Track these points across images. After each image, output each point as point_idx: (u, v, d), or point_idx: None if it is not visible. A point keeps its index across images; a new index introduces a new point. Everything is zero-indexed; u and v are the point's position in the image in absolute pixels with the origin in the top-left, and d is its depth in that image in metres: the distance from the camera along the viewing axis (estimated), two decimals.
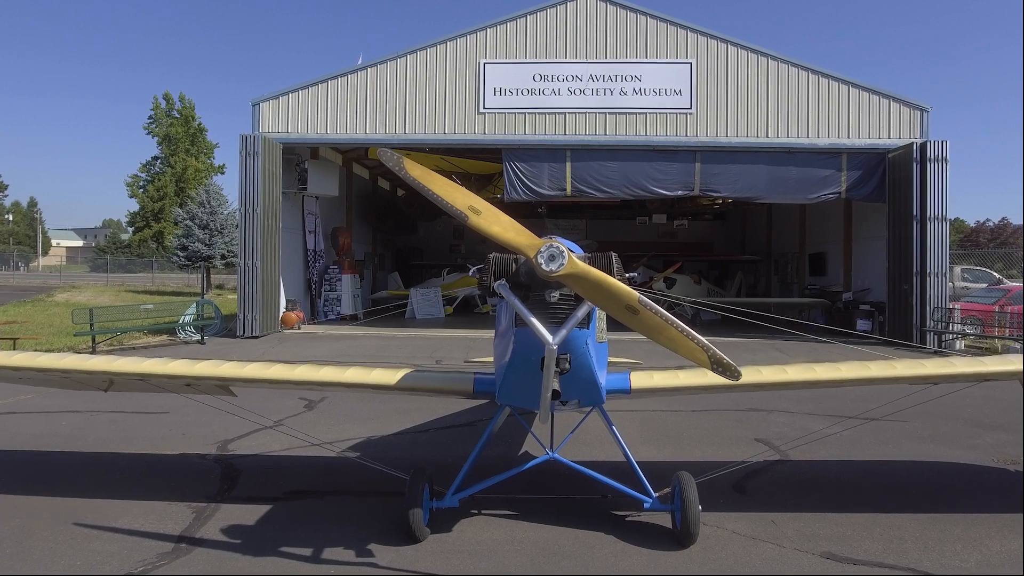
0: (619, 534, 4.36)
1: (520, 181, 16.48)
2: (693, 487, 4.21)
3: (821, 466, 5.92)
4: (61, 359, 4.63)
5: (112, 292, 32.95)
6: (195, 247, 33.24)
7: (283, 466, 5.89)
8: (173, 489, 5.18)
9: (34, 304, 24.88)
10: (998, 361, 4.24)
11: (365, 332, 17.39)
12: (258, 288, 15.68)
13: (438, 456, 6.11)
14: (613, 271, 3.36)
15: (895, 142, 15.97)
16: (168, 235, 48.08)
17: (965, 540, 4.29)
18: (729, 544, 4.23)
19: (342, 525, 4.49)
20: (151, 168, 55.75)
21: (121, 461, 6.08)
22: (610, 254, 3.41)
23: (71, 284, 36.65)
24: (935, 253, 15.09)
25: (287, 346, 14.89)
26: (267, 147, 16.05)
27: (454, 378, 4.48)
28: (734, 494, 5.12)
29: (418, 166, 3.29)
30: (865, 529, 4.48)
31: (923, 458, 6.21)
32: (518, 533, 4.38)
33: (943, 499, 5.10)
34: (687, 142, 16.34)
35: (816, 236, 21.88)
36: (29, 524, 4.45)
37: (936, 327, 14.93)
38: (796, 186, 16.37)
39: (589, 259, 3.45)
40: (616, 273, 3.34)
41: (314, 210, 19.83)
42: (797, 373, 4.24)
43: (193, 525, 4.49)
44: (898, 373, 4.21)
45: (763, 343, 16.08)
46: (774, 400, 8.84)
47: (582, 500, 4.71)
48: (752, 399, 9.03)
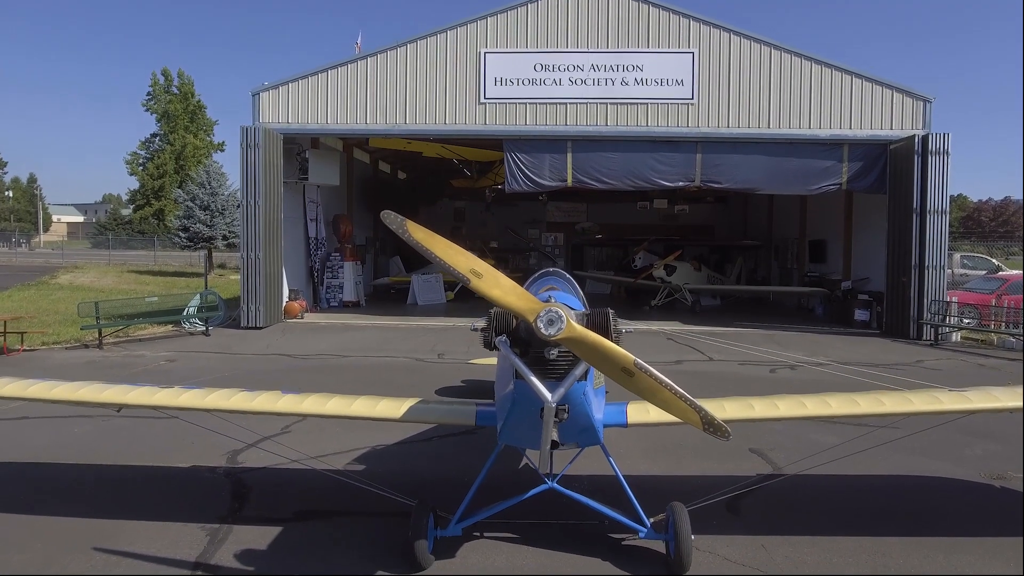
0: (616, 560, 4.56)
1: (521, 172, 16.50)
2: (686, 519, 4.39)
3: (812, 482, 6.07)
4: (76, 391, 4.76)
5: (115, 273, 33.10)
6: (197, 228, 33.33)
7: (291, 482, 6.06)
8: (186, 508, 5.37)
9: (38, 288, 25.05)
10: (987, 399, 4.37)
11: (367, 322, 17.56)
12: (261, 279, 15.82)
13: (442, 471, 6.29)
14: (610, 328, 3.49)
15: (897, 133, 15.94)
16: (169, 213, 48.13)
17: (948, 569, 4.48)
18: (720, 572, 4.42)
19: (350, 550, 4.68)
20: (150, 145, 55.57)
21: (134, 476, 6.26)
22: (607, 311, 3.53)
23: (73, 264, 36.77)
24: (934, 246, 15.18)
25: (290, 338, 15.07)
26: (268, 138, 16.05)
27: (457, 411, 4.64)
28: (727, 514, 5.29)
29: (421, 229, 3.39)
30: (852, 555, 4.66)
31: (912, 472, 6.37)
32: (519, 559, 4.57)
33: (928, 521, 5.28)
34: (689, 133, 16.31)
35: (817, 223, 21.92)
36: (50, 550, 4.64)
37: (933, 320, 15.07)
38: (797, 177, 16.39)
39: (587, 315, 3.58)
40: (613, 329, 3.47)
41: (315, 198, 19.87)
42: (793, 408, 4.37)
43: (208, 550, 4.69)
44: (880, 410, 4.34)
45: (761, 334, 16.26)
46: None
47: (580, 525, 4.89)
48: None
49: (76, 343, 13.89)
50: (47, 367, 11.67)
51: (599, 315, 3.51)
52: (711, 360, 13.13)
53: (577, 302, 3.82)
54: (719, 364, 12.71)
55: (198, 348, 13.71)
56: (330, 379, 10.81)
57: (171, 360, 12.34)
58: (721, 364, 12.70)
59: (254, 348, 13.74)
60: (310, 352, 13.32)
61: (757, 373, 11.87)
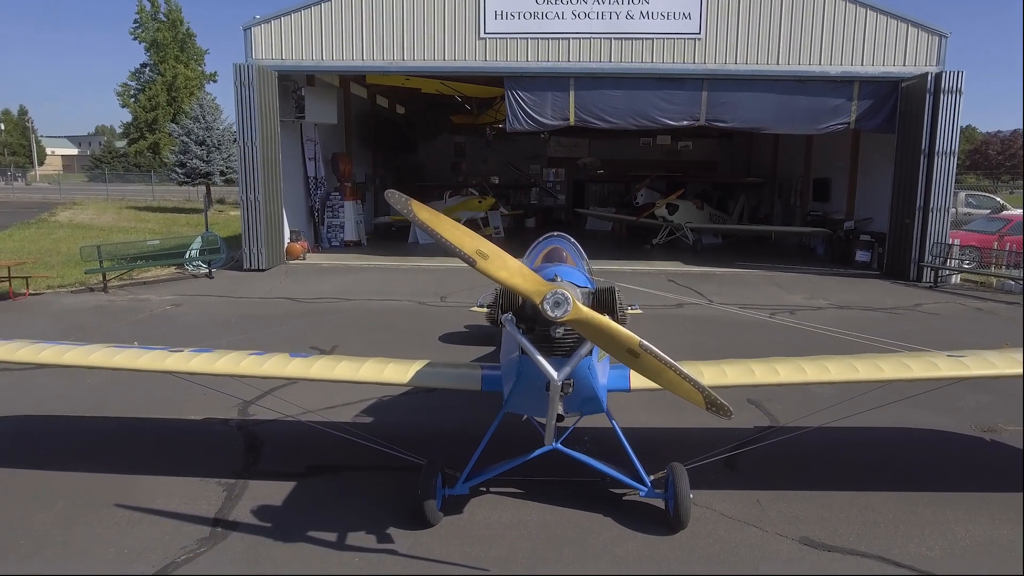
0: (617, 516, 4.75)
1: (522, 110, 16.16)
2: (685, 478, 4.56)
3: (808, 435, 6.23)
4: (63, 354, 4.83)
5: (114, 209, 32.95)
6: (194, 164, 32.94)
7: (302, 435, 6.20)
8: (202, 463, 5.55)
9: (38, 227, 24.99)
10: (984, 365, 4.45)
11: (369, 262, 17.59)
12: (262, 221, 15.76)
13: (448, 424, 6.45)
14: (615, 306, 3.53)
15: (910, 70, 15.51)
16: (164, 147, 47.37)
17: (934, 524, 4.68)
18: (716, 528, 4.63)
19: (362, 506, 4.88)
20: (140, 76, 54.03)
21: (149, 429, 6.43)
22: (612, 289, 3.56)
23: (72, 200, 36.54)
24: (940, 188, 15.03)
25: (293, 280, 15.15)
26: (262, 76, 15.63)
27: (463, 376, 4.75)
28: (725, 469, 5.48)
29: (426, 209, 3.37)
30: (843, 511, 4.86)
31: (906, 424, 6.53)
32: (524, 516, 4.77)
33: (918, 476, 5.47)
34: (695, 69, 15.87)
35: (822, 161, 21.63)
36: (72, 507, 4.83)
37: (934, 262, 15.10)
38: (805, 116, 16.06)
39: (592, 293, 3.61)
40: (618, 308, 3.51)
41: (313, 136, 19.53)
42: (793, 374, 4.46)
43: (225, 506, 4.88)
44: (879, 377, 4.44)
45: (762, 276, 16.33)
46: (768, 350, 9.10)
47: (583, 483, 5.08)
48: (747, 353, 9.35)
49: (81, 287, 13.97)
50: (54, 312, 11.80)
51: (605, 294, 3.55)
52: (711, 303, 13.23)
53: (582, 277, 3.84)
54: (719, 308, 12.82)
55: (202, 291, 13.80)
56: (335, 325, 10.95)
57: (177, 305, 12.45)
58: (721, 308, 12.81)
59: (258, 291, 13.84)
60: (313, 295, 13.42)
61: (756, 317, 12.00)
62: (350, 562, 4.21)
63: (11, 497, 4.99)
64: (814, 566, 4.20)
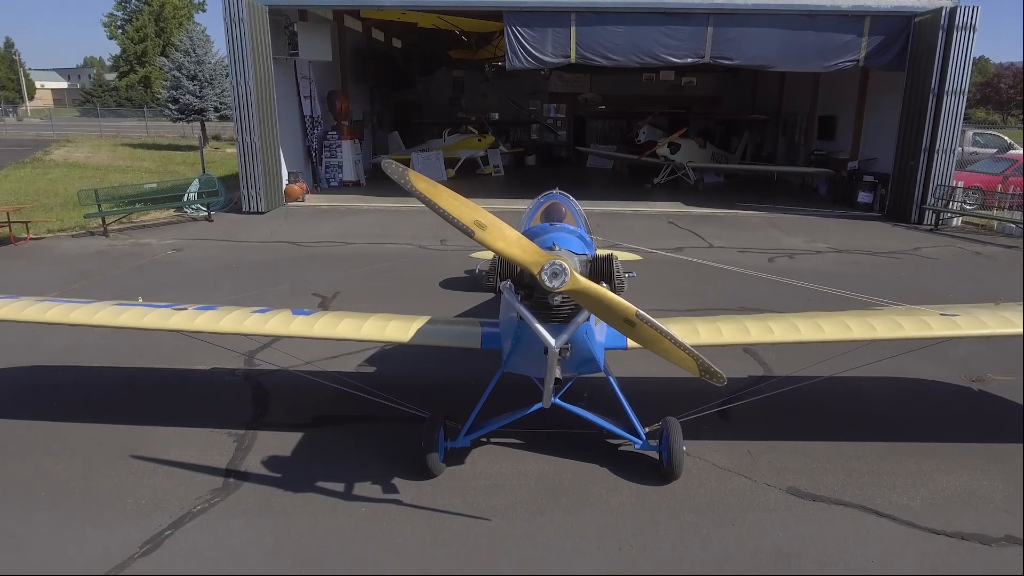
0: (612, 466, 4.95)
1: (522, 47, 15.71)
2: (678, 432, 4.73)
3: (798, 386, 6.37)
4: (69, 313, 4.92)
5: (108, 147, 32.51)
6: (186, 100, 32.24)
7: (307, 385, 6.33)
8: (212, 414, 5.72)
9: (33, 166, 24.72)
10: (975, 324, 4.53)
11: (368, 204, 17.49)
12: (259, 164, 15.58)
13: (449, 375, 6.58)
14: (613, 274, 3.58)
15: (923, 4, 14.98)
16: (156, 81, 46.24)
17: (917, 475, 4.88)
18: (708, 479, 4.83)
19: (366, 456, 5.06)
20: (127, 6, 52.26)
21: (158, 379, 6.60)
22: (611, 256, 3.60)
23: (65, 137, 36.03)
24: (947, 128, 14.76)
25: (293, 223, 15.12)
26: (252, 12, 15.10)
27: (463, 333, 4.85)
28: (718, 420, 5.65)
29: (423, 179, 3.37)
30: (829, 461, 5.06)
31: (896, 373, 6.65)
32: (523, 466, 4.97)
33: (905, 426, 5.65)
34: (700, 4, 15.32)
35: (829, 98, 21.17)
36: (90, 459, 5.02)
37: (936, 205, 15.02)
38: (813, 53, 15.61)
39: (591, 261, 3.66)
40: (616, 276, 3.57)
41: (308, 74, 19.05)
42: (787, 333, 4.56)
43: (236, 457, 5.08)
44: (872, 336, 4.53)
45: (763, 219, 16.28)
46: (766, 297, 9.21)
47: (580, 434, 5.25)
48: (746, 297, 9.47)
49: (81, 230, 13.97)
50: (56, 258, 11.85)
51: (603, 261, 3.59)
52: (711, 247, 13.26)
53: (579, 243, 3.87)
54: (719, 252, 12.85)
55: (203, 235, 13.81)
56: (335, 270, 11.01)
57: (178, 250, 12.48)
58: (721, 252, 12.84)
59: (258, 235, 13.84)
60: (313, 239, 13.44)
61: (756, 262, 12.04)
62: (357, 512, 4.42)
63: (28, 449, 5.18)
64: (799, 516, 4.40)
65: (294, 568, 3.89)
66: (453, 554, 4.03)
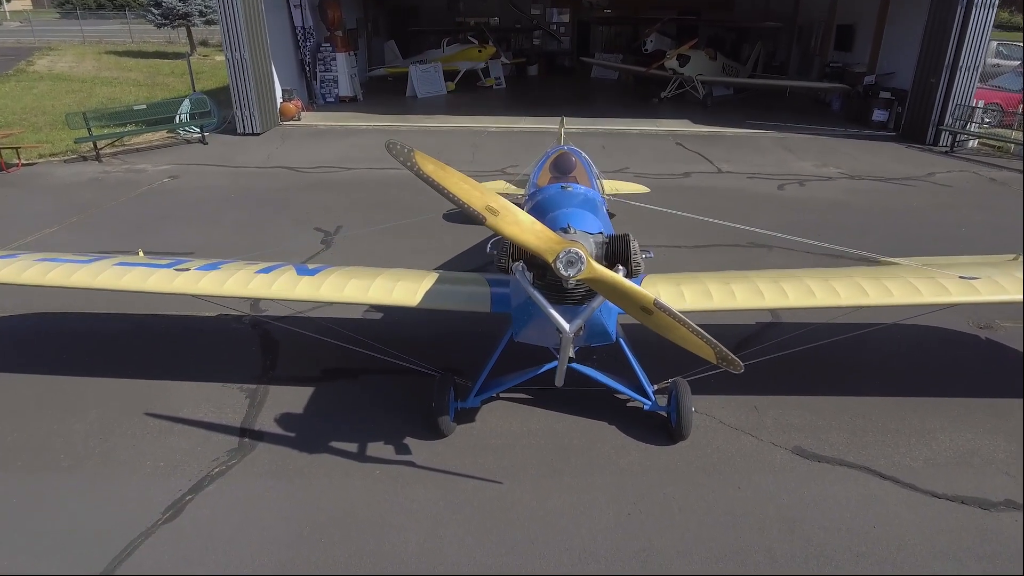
0: (621, 425, 5.02)
1: None
2: (687, 393, 4.77)
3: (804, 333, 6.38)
4: (70, 275, 4.83)
5: (93, 55, 31.21)
6: (169, 3, 30.65)
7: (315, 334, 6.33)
8: (223, 367, 5.76)
9: (17, 79, 23.77)
10: (994, 289, 4.46)
11: (367, 123, 16.94)
12: (251, 82, 14.95)
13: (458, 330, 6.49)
14: (630, 255, 3.47)
15: None
16: None
17: (920, 433, 4.95)
18: (715, 438, 4.91)
19: (378, 414, 5.12)
20: None
21: (165, 327, 6.57)
22: (627, 237, 3.48)
23: (47, 44, 34.49)
24: (973, 44, 14.03)
25: (290, 145, 14.71)
26: None
27: (472, 295, 4.78)
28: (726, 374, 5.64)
29: (431, 160, 3.20)
30: (834, 418, 5.12)
31: (903, 319, 6.65)
32: (533, 425, 5.04)
33: (910, 379, 5.69)
34: None
35: (848, 5, 20.04)
36: (106, 417, 5.09)
37: (954, 126, 14.53)
38: None
39: (606, 243, 3.53)
40: (633, 259, 3.45)
41: None
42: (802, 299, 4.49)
43: (250, 414, 5.14)
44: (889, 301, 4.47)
45: (773, 140, 15.82)
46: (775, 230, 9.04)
47: (589, 393, 5.29)
48: (754, 234, 9.30)
49: (74, 155, 13.61)
50: (50, 186, 11.59)
51: (619, 242, 3.47)
52: (719, 172, 12.95)
53: (594, 221, 3.73)
54: (727, 177, 12.57)
55: (198, 160, 13.46)
56: (335, 199, 10.81)
57: (174, 177, 12.20)
58: (729, 177, 12.56)
59: (255, 159, 13.50)
60: (312, 163, 13.12)
61: (766, 189, 11.80)
62: (371, 474, 4.51)
63: (44, 405, 5.24)
64: (803, 478, 4.50)
65: (314, 536, 4.01)
66: (466, 518, 4.14)
